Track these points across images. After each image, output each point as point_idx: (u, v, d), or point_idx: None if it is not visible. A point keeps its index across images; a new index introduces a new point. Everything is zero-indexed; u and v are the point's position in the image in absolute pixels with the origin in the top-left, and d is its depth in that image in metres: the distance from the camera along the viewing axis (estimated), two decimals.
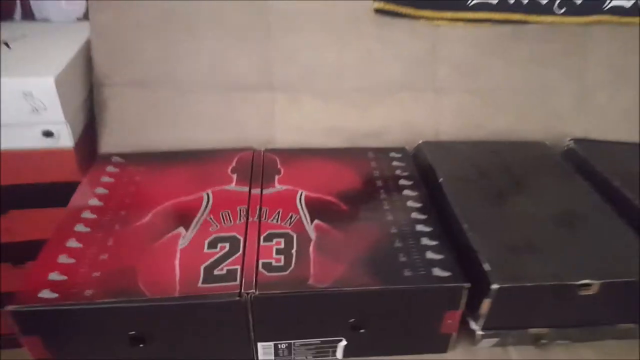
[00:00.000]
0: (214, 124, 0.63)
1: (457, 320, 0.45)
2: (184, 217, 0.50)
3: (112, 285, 0.43)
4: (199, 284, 0.43)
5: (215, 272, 0.44)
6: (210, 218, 0.50)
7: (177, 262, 0.45)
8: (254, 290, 0.42)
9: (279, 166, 0.58)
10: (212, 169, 0.58)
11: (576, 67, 0.65)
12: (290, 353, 0.46)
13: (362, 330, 0.45)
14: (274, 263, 0.45)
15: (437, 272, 0.44)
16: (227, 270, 0.44)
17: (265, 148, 0.62)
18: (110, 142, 0.63)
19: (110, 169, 0.58)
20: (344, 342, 0.46)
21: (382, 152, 0.62)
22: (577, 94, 0.66)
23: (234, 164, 0.59)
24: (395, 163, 0.60)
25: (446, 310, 0.44)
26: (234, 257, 0.45)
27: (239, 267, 0.44)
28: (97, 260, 0.45)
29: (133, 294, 0.42)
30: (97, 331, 0.43)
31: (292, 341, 0.45)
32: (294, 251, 0.46)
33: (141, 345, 0.43)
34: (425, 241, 0.48)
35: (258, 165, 0.59)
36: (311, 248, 0.46)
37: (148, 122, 0.63)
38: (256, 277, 0.43)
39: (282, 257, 0.45)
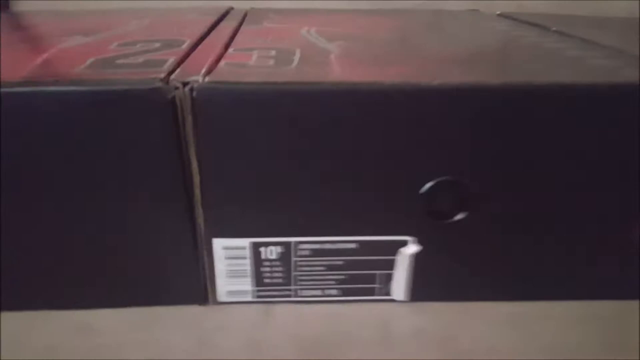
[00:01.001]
0: None
1: None
2: (85, 32, 0.26)
3: None
4: (77, 69, 0.18)
5: (119, 61, 0.19)
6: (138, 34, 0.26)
7: (42, 54, 0.21)
8: (198, 78, 0.17)
9: (271, 15, 0.35)
10: (162, 18, 0.35)
11: None
12: (289, 277, 0.19)
13: (458, 216, 0.19)
14: (252, 63, 0.20)
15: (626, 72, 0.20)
16: (147, 59, 0.20)
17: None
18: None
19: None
20: (412, 249, 0.20)
21: (442, 13, 0.38)
22: None
23: (194, 14, 0.36)
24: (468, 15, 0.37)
25: None
26: (165, 51, 0.21)
27: (172, 58, 0.20)
28: None
29: None
30: None
31: (291, 239, 0.19)
32: (296, 57, 0.22)
33: None
34: (560, 44, 0.24)
35: (237, 14, 0.35)
36: (332, 56, 0.22)
37: None
38: (210, 68, 0.19)
39: (272, 60, 0.21)
